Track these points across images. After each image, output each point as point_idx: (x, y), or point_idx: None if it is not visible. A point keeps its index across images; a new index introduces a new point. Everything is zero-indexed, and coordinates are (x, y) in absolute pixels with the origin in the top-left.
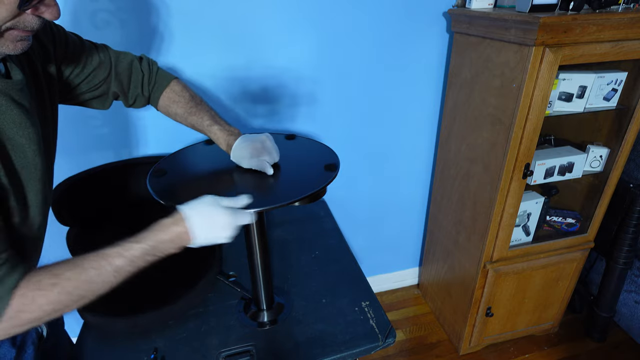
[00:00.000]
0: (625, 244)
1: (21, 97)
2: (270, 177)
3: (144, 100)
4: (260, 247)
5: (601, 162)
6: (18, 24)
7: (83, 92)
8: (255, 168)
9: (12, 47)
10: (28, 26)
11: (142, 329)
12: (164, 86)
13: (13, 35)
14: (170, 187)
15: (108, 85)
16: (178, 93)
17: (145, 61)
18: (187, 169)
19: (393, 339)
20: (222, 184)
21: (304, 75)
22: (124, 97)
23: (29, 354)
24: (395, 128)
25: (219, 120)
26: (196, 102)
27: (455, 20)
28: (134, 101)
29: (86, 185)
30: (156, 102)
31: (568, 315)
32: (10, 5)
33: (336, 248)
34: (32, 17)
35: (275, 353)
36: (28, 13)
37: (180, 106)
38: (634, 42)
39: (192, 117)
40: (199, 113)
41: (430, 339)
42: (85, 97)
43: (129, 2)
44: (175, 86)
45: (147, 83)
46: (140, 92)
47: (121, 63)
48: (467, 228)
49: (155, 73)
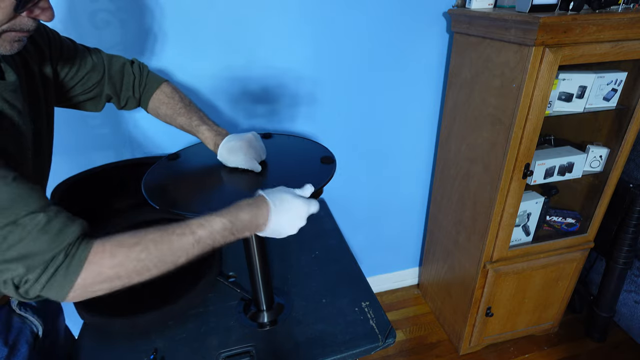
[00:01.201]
0: (625, 244)
1: (14, 99)
2: (259, 175)
3: (135, 103)
4: (258, 247)
5: (601, 162)
6: (14, 26)
7: (77, 94)
8: (242, 167)
9: (9, 47)
10: (24, 28)
11: (142, 329)
12: (154, 88)
13: (10, 36)
14: (161, 188)
15: (101, 87)
16: (168, 95)
17: (137, 64)
18: (182, 171)
19: (393, 339)
20: (213, 183)
21: (304, 75)
22: (117, 99)
23: (22, 352)
24: (395, 128)
25: (207, 121)
26: (185, 103)
27: (455, 20)
28: (126, 103)
29: (86, 185)
30: (146, 103)
31: (568, 315)
32: (6, 9)
33: (336, 248)
34: (27, 19)
35: (275, 353)
36: (24, 15)
37: (169, 107)
38: (634, 42)
39: (180, 118)
40: (188, 114)
41: (430, 339)
42: (79, 99)
43: (128, 2)
44: (165, 88)
45: (138, 85)
46: (131, 94)
47: (114, 66)
48: (467, 228)
49: (145, 76)
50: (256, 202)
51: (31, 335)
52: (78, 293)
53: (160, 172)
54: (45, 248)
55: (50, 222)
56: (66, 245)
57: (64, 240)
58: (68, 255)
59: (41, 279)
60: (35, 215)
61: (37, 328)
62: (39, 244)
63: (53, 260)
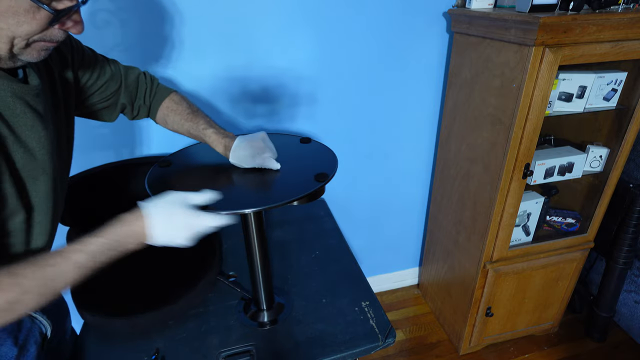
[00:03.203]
0: (625, 244)
1: (36, 102)
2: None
3: (146, 111)
4: (259, 247)
5: (601, 162)
6: (45, 36)
7: (95, 102)
8: (260, 166)
9: (36, 55)
10: (54, 39)
11: (142, 329)
12: (163, 97)
13: (39, 46)
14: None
15: (118, 96)
16: (176, 102)
17: (148, 75)
18: (188, 167)
19: (393, 339)
20: (219, 184)
21: (304, 75)
22: (130, 109)
23: (31, 352)
24: (395, 128)
25: (214, 125)
26: (192, 110)
27: (455, 20)
28: (138, 112)
29: (86, 185)
30: (155, 113)
31: (568, 315)
32: (42, 21)
33: (336, 248)
34: (58, 31)
35: (276, 353)
36: (55, 27)
37: (176, 114)
38: (634, 42)
39: (188, 123)
40: (195, 119)
41: (430, 339)
42: (96, 107)
43: (129, 2)
44: (174, 97)
45: (149, 94)
46: (142, 102)
47: (129, 76)
48: (467, 228)
49: (156, 86)
50: (136, 216)
51: (40, 335)
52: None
53: (162, 172)
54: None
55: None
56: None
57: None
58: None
59: None
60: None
61: (45, 328)
62: None
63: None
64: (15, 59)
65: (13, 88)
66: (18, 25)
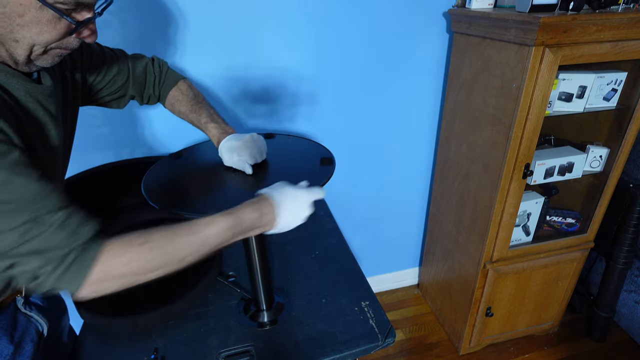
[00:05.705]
0: (625, 244)
1: (48, 102)
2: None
3: (156, 99)
4: (258, 247)
5: (601, 162)
6: (61, 44)
7: (104, 95)
8: (234, 167)
9: (50, 61)
10: (69, 46)
11: (142, 329)
12: (171, 85)
13: (54, 52)
14: (161, 187)
15: (126, 89)
16: (183, 92)
17: (157, 62)
18: (182, 171)
19: (393, 339)
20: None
21: (304, 75)
22: (139, 98)
23: (27, 350)
24: (395, 128)
25: (216, 119)
26: (198, 100)
27: (455, 20)
28: (148, 100)
29: (86, 185)
30: (164, 100)
31: (568, 315)
32: (61, 30)
33: (336, 248)
34: (74, 39)
35: (275, 353)
36: (72, 36)
37: (183, 104)
38: (634, 42)
39: (192, 115)
40: (199, 111)
41: (430, 339)
42: (105, 99)
43: (129, 2)
44: (181, 85)
45: (158, 83)
46: (152, 92)
47: (137, 68)
48: (467, 228)
49: (165, 73)
50: (259, 201)
51: (36, 334)
52: (89, 289)
53: (160, 172)
54: (61, 244)
55: (67, 220)
56: (81, 243)
57: (79, 237)
58: (82, 252)
59: (55, 273)
60: (54, 213)
61: (41, 327)
62: (56, 240)
63: (68, 256)
64: (31, 65)
65: (27, 87)
66: (39, 35)
